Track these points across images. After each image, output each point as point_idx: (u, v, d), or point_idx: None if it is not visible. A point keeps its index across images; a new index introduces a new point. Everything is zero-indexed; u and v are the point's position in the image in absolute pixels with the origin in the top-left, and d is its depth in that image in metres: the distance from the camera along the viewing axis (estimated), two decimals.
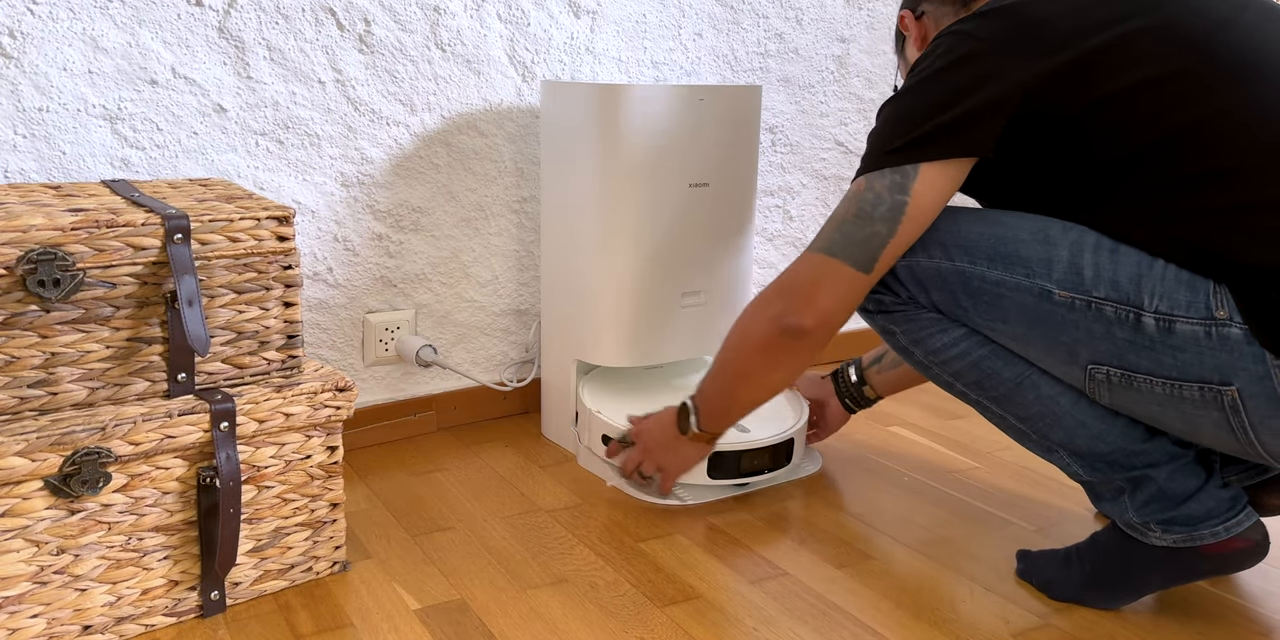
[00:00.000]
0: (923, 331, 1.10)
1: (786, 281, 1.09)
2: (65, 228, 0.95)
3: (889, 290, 1.11)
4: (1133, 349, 0.97)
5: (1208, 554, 1.07)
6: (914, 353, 1.13)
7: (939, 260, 1.06)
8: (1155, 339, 0.95)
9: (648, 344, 1.48)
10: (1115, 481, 1.09)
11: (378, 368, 1.58)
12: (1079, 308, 0.98)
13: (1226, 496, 1.07)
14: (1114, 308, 0.97)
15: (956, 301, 1.06)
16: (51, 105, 1.25)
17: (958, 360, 1.09)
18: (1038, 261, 1.01)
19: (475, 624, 1.09)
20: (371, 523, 1.32)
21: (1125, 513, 1.09)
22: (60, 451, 0.95)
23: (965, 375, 1.10)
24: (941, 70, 1.02)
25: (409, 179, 1.53)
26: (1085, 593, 1.14)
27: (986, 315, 1.05)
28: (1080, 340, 1.00)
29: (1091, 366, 1.01)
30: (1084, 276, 0.98)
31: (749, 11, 1.77)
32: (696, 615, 1.11)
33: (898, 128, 1.03)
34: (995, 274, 1.03)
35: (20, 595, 0.97)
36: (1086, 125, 0.98)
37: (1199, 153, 0.95)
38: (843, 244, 1.04)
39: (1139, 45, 0.96)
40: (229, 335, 1.08)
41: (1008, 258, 1.02)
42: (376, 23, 1.44)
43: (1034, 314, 1.01)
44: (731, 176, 1.48)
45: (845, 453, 1.59)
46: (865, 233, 1.03)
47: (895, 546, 1.28)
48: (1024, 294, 1.01)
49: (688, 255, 1.48)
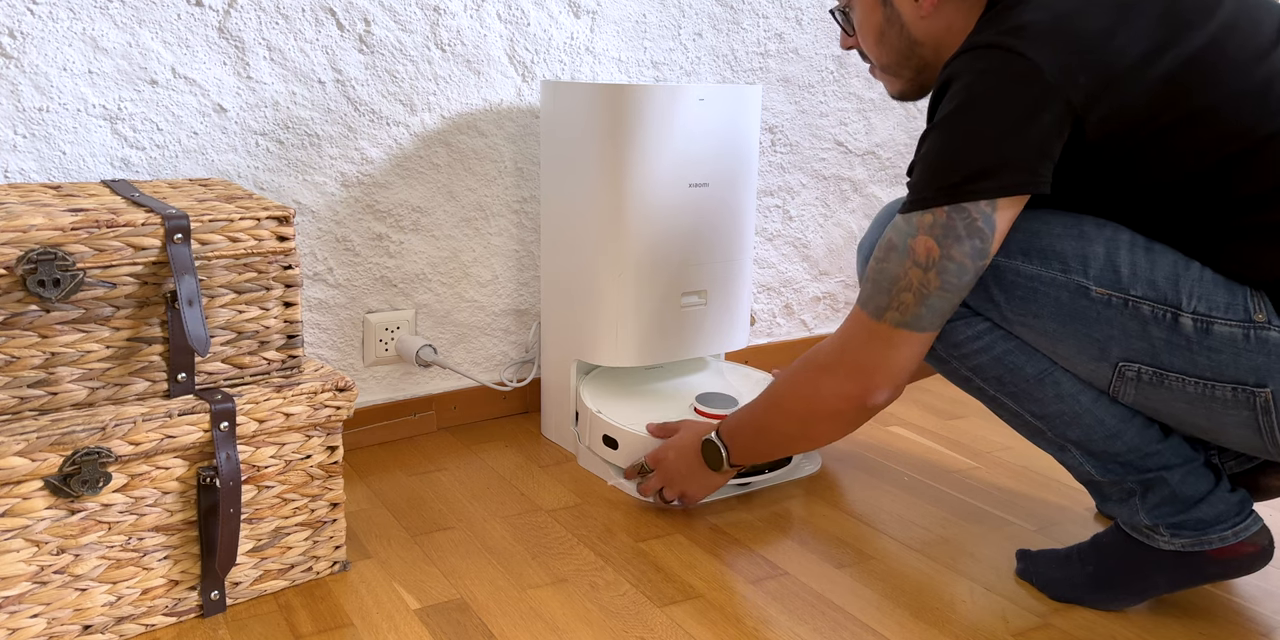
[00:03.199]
0: (946, 324, 1.08)
1: (865, 359, 1.04)
2: (65, 228, 0.95)
3: None
4: (1168, 348, 0.97)
5: (1215, 558, 1.07)
6: (933, 347, 1.11)
7: None
8: (1192, 339, 0.96)
9: (648, 344, 1.48)
10: (1126, 483, 1.09)
11: (378, 368, 1.58)
12: (1115, 305, 0.98)
13: (1235, 500, 1.07)
14: (1151, 307, 0.97)
15: (988, 295, 1.05)
16: (51, 105, 1.25)
17: (980, 354, 1.08)
18: (1074, 257, 1.00)
19: (475, 624, 1.09)
20: (371, 523, 1.32)
21: (1135, 515, 1.09)
22: (60, 451, 0.95)
23: (986, 370, 1.09)
24: (999, 93, 0.95)
25: (409, 179, 1.53)
26: (1087, 594, 1.14)
27: (1018, 310, 1.03)
28: (1114, 338, 0.99)
29: (1123, 364, 1.00)
30: (1121, 274, 0.98)
31: (749, 11, 1.77)
32: (696, 615, 1.12)
33: (967, 157, 0.96)
34: (1030, 268, 1.02)
35: (20, 595, 0.97)
36: (1137, 152, 0.96)
37: (1244, 179, 0.95)
38: (930, 318, 1.01)
39: (1191, 76, 0.94)
40: (229, 335, 1.08)
41: (1043, 252, 1.01)
42: (376, 23, 1.44)
43: (1068, 310, 1.00)
44: (731, 176, 1.48)
45: (845, 453, 1.59)
46: (951, 304, 1.01)
47: (895, 546, 1.28)
48: (1059, 289, 1.00)
49: (688, 255, 1.48)
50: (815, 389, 1.10)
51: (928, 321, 1.02)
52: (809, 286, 2.02)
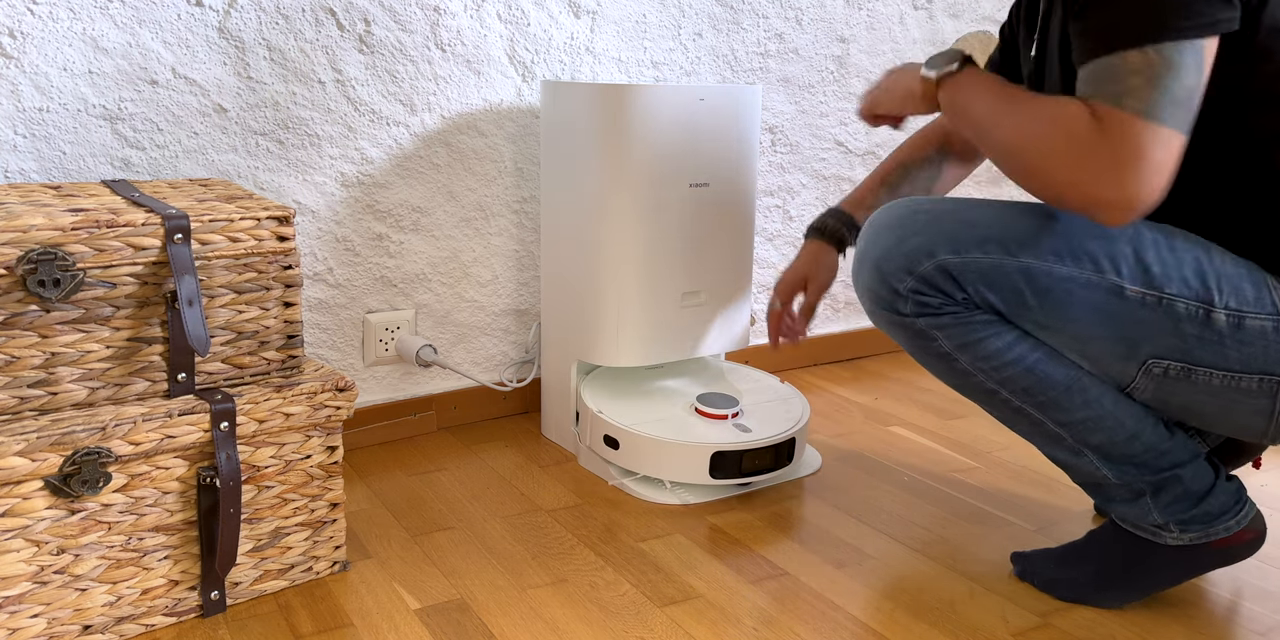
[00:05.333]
0: (974, 335, 1.03)
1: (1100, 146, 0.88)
2: (65, 228, 0.95)
3: (939, 292, 1.02)
4: (1199, 344, 0.97)
5: (1218, 548, 1.09)
6: (956, 359, 1.06)
7: (999, 257, 0.99)
8: (1224, 334, 0.96)
9: (648, 344, 1.48)
10: (1137, 484, 1.09)
11: (378, 368, 1.58)
12: (1149, 304, 0.97)
13: (1234, 489, 1.10)
14: (1185, 304, 0.96)
15: (1022, 301, 1.00)
16: (52, 105, 1.25)
17: (1011, 366, 1.04)
18: (1104, 256, 0.98)
19: (475, 624, 1.09)
20: (371, 523, 1.32)
21: (1147, 514, 1.09)
22: (60, 451, 0.95)
23: (1015, 381, 1.05)
24: None
25: (409, 179, 1.53)
26: (1093, 593, 1.14)
27: (1052, 314, 1.00)
28: (1146, 336, 0.98)
29: (1151, 361, 0.99)
30: (1153, 272, 0.97)
31: (749, 11, 1.77)
32: (696, 615, 1.12)
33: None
34: (1064, 270, 0.98)
35: (20, 595, 0.97)
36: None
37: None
38: (1167, 105, 0.86)
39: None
40: (229, 335, 1.08)
41: (1074, 252, 0.98)
42: (376, 23, 1.44)
43: (1103, 311, 0.98)
44: (731, 176, 1.48)
45: (845, 453, 1.59)
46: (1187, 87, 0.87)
47: (895, 546, 1.28)
48: (1094, 291, 0.98)
49: (688, 255, 1.48)
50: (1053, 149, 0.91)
51: (1167, 112, 0.87)
52: None
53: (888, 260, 1.04)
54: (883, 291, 1.05)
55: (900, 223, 1.04)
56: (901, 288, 1.03)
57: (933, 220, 1.02)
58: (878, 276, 1.05)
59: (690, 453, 1.36)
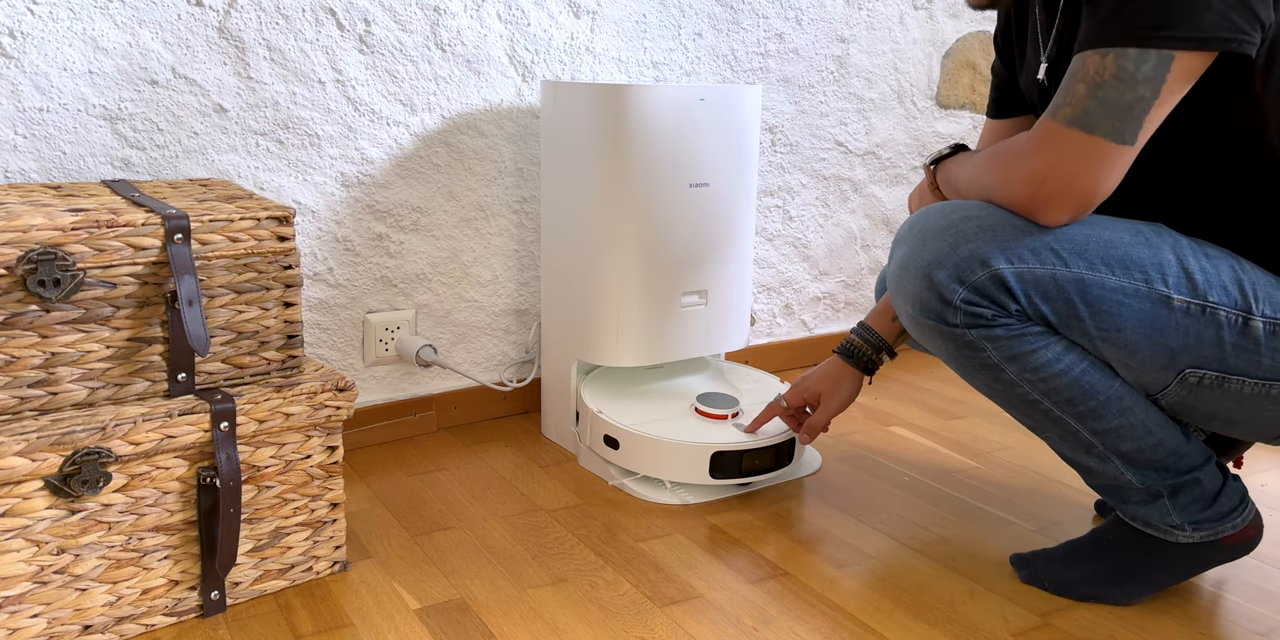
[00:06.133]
0: (1025, 347, 1.00)
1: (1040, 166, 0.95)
2: (65, 228, 0.95)
3: (993, 303, 0.99)
4: (1235, 352, 0.97)
5: (1225, 545, 1.12)
6: (1003, 370, 1.03)
7: (1054, 267, 0.97)
8: (1261, 342, 0.97)
9: (648, 344, 1.48)
10: (1157, 487, 1.09)
11: (378, 368, 1.58)
12: (1193, 313, 0.97)
13: (1239, 488, 1.12)
14: (1226, 312, 0.97)
15: (1074, 312, 0.98)
16: (52, 105, 1.25)
17: (1059, 377, 1.02)
18: (1151, 266, 0.98)
19: (475, 624, 1.09)
20: (371, 523, 1.32)
21: (1165, 515, 1.10)
22: (60, 451, 0.95)
23: (1060, 392, 1.03)
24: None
25: (409, 179, 1.53)
26: (1109, 590, 1.15)
27: (1103, 324, 0.98)
28: (1188, 345, 0.98)
29: (1189, 370, 0.99)
30: (1196, 281, 0.97)
31: (749, 11, 1.77)
32: (696, 615, 1.12)
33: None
34: (1115, 280, 0.97)
35: (20, 595, 0.97)
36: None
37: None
38: (1100, 114, 0.91)
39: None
40: (229, 335, 1.08)
41: (1124, 262, 0.98)
42: (376, 23, 1.44)
43: (1150, 321, 0.98)
44: (731, 176, 1.48)
45: (845, 453, 1.59)
46: (1128, 98, 0.91)
47: (895, 546, 1.28)
48: (1143, 301, 0.97)
49: (688, 255, 1.48)
50: (996, 178, 1.01)
51: (1098, 120, 0.92)
52: (809, 286, 2.02)
53: (939, 268, 0.99)
54: (932, 301, 1.00)
55: (951, 228, 1.00)
56: (954, 298, 0.99)
57: (984, 227, 0.99)
58: (926, 284, 1.00)
59: (690, 453, 1.36)
